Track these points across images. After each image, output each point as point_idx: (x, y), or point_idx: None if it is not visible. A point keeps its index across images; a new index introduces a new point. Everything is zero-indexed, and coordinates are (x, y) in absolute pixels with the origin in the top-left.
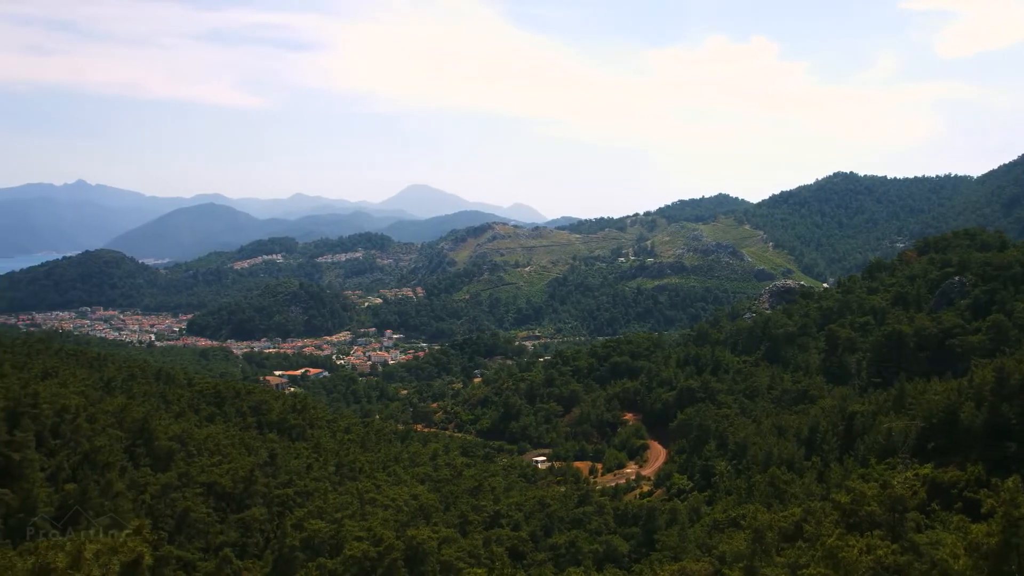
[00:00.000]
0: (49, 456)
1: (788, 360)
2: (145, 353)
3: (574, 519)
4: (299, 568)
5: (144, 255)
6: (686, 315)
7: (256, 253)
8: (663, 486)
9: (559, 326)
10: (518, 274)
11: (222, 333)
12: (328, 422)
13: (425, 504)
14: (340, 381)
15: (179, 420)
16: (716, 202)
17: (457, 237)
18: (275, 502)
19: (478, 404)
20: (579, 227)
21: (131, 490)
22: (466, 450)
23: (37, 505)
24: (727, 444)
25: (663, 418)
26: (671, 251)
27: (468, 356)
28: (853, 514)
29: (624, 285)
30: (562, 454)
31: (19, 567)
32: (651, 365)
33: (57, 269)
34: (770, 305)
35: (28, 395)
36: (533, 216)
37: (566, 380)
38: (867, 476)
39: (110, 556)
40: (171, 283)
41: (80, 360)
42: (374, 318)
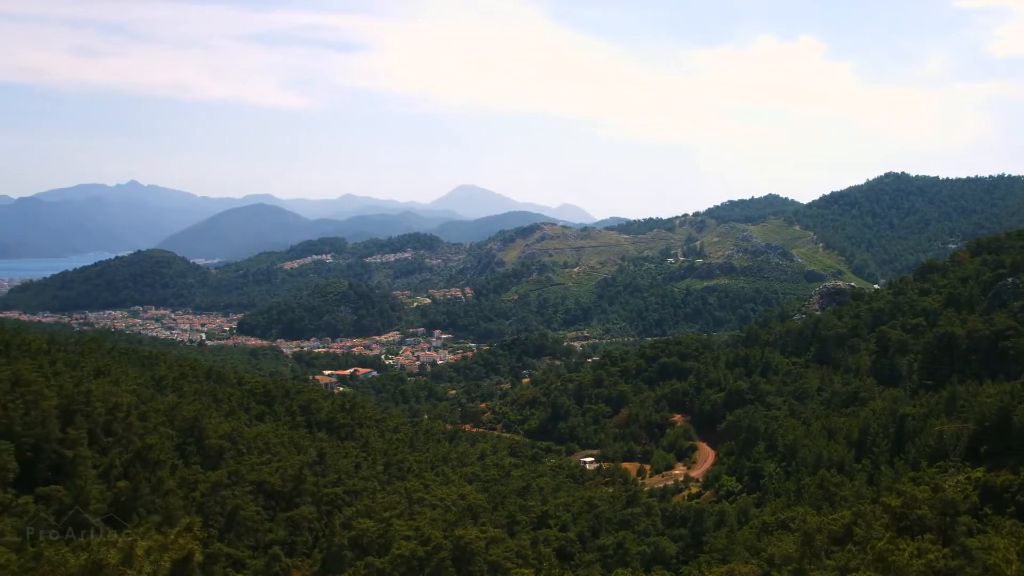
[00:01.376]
0: (102, 454)
1: (838, 362)
2: (196, 352)
3: (622, 520)
4: (347, 567)
5: (195, 255)
6: (735, 316)
7: (306, 253)
8: (711, 488)
9: (607, 327)
10: (567, 274)
11: (272, 332)
12: (377, 421)
13: (473, 504)
14: (389, 381)
15: (229, 419)
16: (766, 203)
17: (506, 237)
18: (324, 501)
19: (526, 404)
20: (628, 227)
21: (182, 488)
22: (514, 450)
23: (90, 502)
24: (776, 446)
25: (712, 419)
26: (720, 252)
27: (516, 356)
28: (904, 517)
29: (673, 286)
30: (610, 455)
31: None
32: (700, 366)
33: (109, 269)
34: (820, 306)
35: (81, 393)
36: (582, 216)
37: (615, 381)
38: (918, 479)
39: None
40: (222, 283)
41: (132, 359)
42: (423, 318)
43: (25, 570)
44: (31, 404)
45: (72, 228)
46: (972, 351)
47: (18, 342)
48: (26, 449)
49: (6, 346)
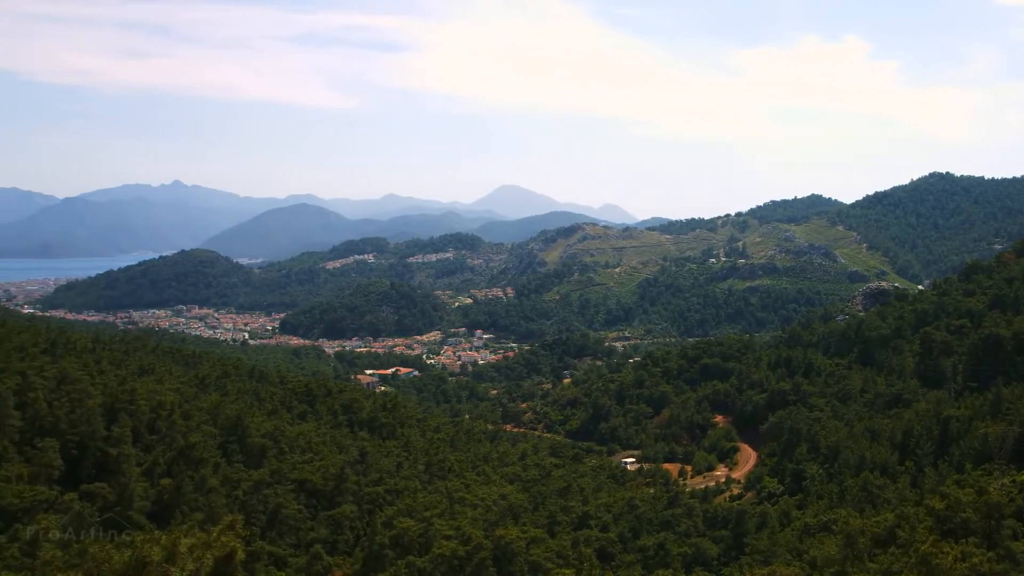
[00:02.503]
0: (145, 451)
1: (882, 363)
2: (239, 351)
3: (663, 521)
4: (388, 566)
5: (238, 255)
6: (778, 317)
7: (348, 253)
8: (753, 489)
9: (649, 327)
10: (608, 275)
11: (314, 332)
12: (418, 421)
13: (514, 504)
14: (430, 380)
15: (272, 418)
16: (809, 203)
17: (547, 237)
18: (365, 500)
19: (567, 405)
20: (670, 228)
21: (224, 486)
22: (555, 450)
23: (133, 499)
24: (819, 448)
25: (754, 421)
26: (763, 252)
27: (558, 356)
28: (948, 520)
29: (715, 286)
30: (651, 456)
31: (116, 560)
32: (742, 367)
33: (154, 268)
34: (863, 307)
35: (125, 391)
36: (623, 217)
37: (656, 381)
38: (962, 482)
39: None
40: (264, 282)
41: (176, 358)
42: (464, 318)
43: (70, 566)
44: (76, 402)
45: (117, 228)
46: (1018, 352)
47: (64, 341)
48: (71, 447)
49: (52, 345)
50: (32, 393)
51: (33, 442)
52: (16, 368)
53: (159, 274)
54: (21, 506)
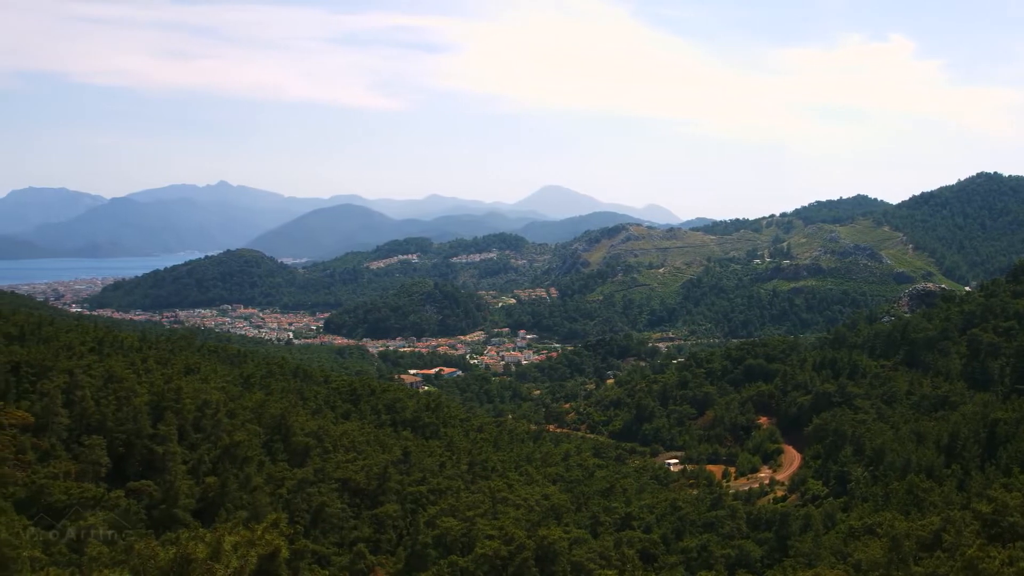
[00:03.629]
0: (191, 449)
1: (928, 365)
2: (283, 350)
3: (706, 523)
4: (431, 565)
5: (283, 254)
6: (822, 318)
7: (392, 253)
8: (797, 491)
9: (693, 328)
10: (652, 275)
11: (358, 332)
12: (461, 421)
13: (557, 504)
14: (473, 380)
15: (315, 417)
16: (854, 203)
17: (591, 238)
18: (408, 499)
19: (611, 405)
20: (713, 228)
21: (268, 484)
22: (598, 451)
23: (179, 497)
24: (864, 450)
25: (798, 422)
26: (808, 253)
27: (601, 357)
28: (995, 524)
29: (759, 287)
30: (695, 457)
31: (161, 556)
32: (786, 368)
33: (199, 268)
34: (910, 308)
35: (171, 390)
36: (667, 217)
37: (700, 382)
38: (1010, 485)
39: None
40: (309, 282)
41: (221, 357)
42: (507, 318)
43: (116, 563)
44: (123, 400)
45: (163, 228)
46: None
47: (111, 340)
48: (118, 444)
49: (99, 344)
50: (80, 391)
51: (80, 440)
52: (64, 367)
53: (205, 274)
54: (68, 503)
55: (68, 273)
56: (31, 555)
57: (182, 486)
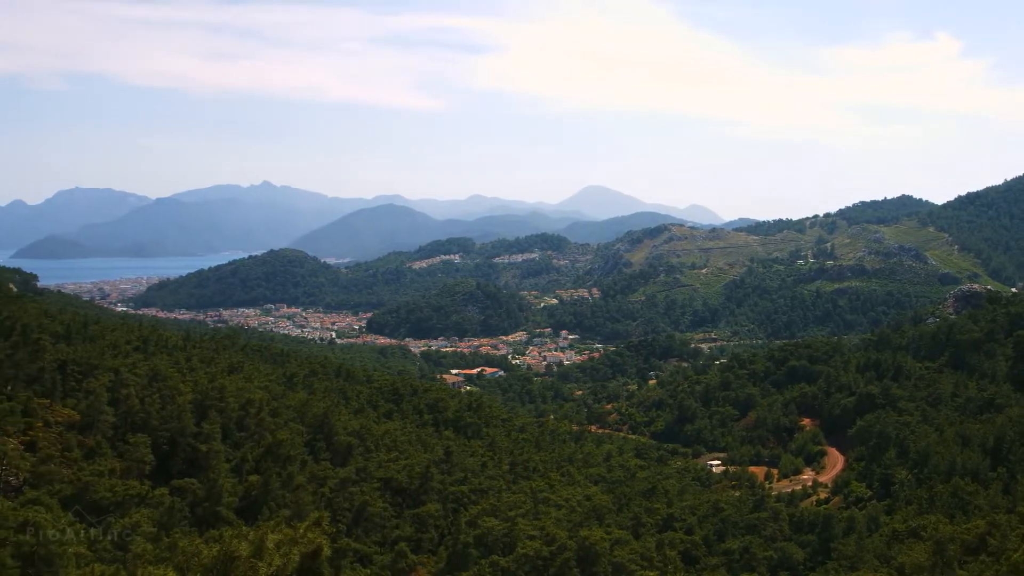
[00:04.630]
0: (234, 448)
1: (973, 367)
2: (326, 350)
3: (748, 524)
4: (472, 565)
5: (326, 254)
6: (866, 319)
7: (434, 253)
8: (840, 494)
9: (735, 329)
10: (694, 276)
11: (400, 331)
12: (503, 421)
13: (598, 505)
14: (515, 380)
15: (358, 416)
16: (898, 203)
17: (633, 238)
18: (450, 499)
19: (652, 406)
20: (757, 228)
21: (311, 483)
22: (640, 452)
23: (222, 495)
24: (908, 452)
25: (841, 424)
26: (851, 254)
27: (643, 358)
28: None
29: (802, 288)
30: (737, 458)
31: (205, 554)
32: (830, 370)
33: (243, 267)
34: (955, 310)
35: (215, 389)
36: (710, 218)
37: (742, 383)
38: None
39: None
40: (352, 282)
41: (264, 356)
42: (549, 318)
43: (160, 560)
44: (167, 399)
45: (208, 228)
46: None
47: (156, 338)
48: (162, 443)
49: (144, 342)
50: (125, 390)
51: (125, 438)
52: (109, 365)
53: (248, 273)
54: (113, 500)
55: (114, 272)
56: (76, 552)
57: (225, 484)
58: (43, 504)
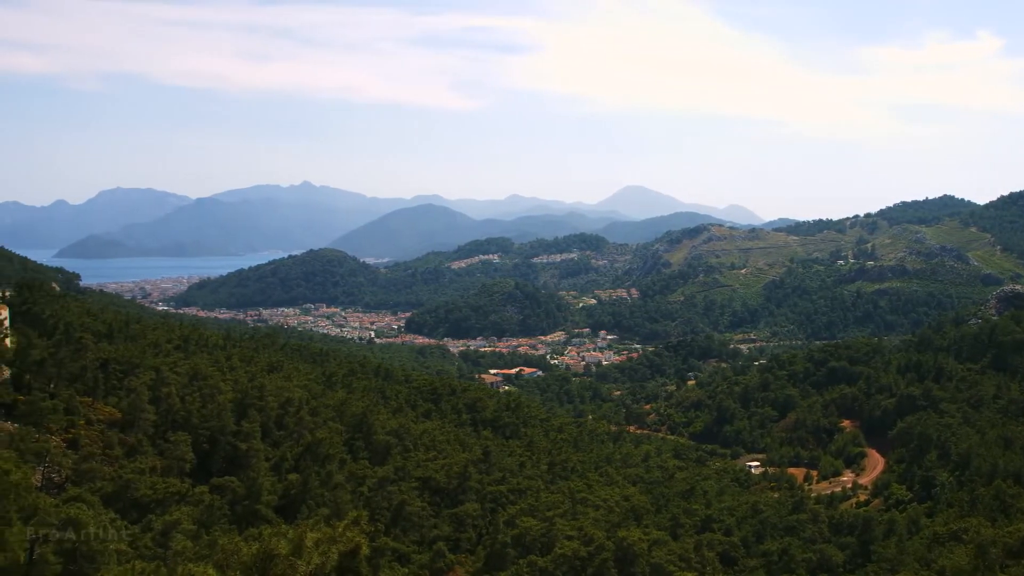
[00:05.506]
0: (273, 447)
1: (1016, 368)
2: (365, 349)
3: (787, 526)
4: (510, 564)
5: (365, 254)
6: (907, 320)
7: (473, 253)
8: (881, 496)
9: (775, 329)
10: (733, 276)
11: (439, 331)
12: (541, 421)
13: (636, 505)
14: (554, 381)
15: (397, 415)
16: (940, 204)
17: (672, 238)
18: (488, 498)
19: (691, 407)
20: (796, 229)
21: (350, 482)
22: (678, 453)
23: (262, 493)
24: (949, 454)
25: (882, 426)
26: (892, 254)
27: (682, 358)
28: None
29: (843, 288)
30: (776, 460)
31: (244, 552)
32: (870, 371)
33: (283, 267)
34: (997, 311)
35: (255, 388)
36: (749, 218)
37: (781, 384)
38: None
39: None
40: (390, 282)
41: (304, 355)
42: (588, 319)
43: (200, 557)
44: (208, 397)
45: (247, 228)
46: None
47: (196, 338)
48: (203, 441)
49: (185, 341)
50: (165, 388)
51: (166, 436)
52: (151, 364)
53: (288, 273)
54: (154, 497)
55: (155, 272)
56: (118, 548)
57: (265, 483)
58: (85, 501)
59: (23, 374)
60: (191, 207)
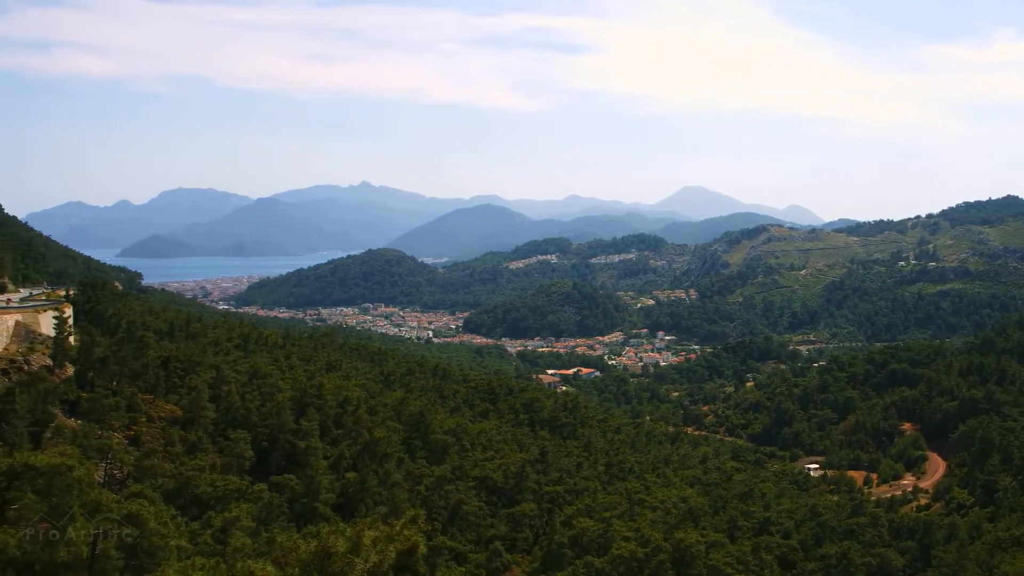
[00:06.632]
0: (332, 445)
1: None
2: (423, 349)
3: (846, 530)
4: (567, 565)
5: (423, 254)
6: (969, 322)
7: (531, 253)
8: (942, 500)
9: (835, 331)
10: (793, 277)
11: (497, 331)
12: (599, 422)
13: (694, 507)
14: (611, 381)
15: (454, 415)
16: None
17: (731, 239)
18: (545, 499)
19: (750, 408)
20: (856, 229)
21: (407, 481)
22: (736, 454)
23: (320, 491)
24: (1012, 458)
25: (943, 429)
26: (954, 255)
27: (740, 359)
28: None
29: (904, 290)
30: (835, 462)
31: (302, 549)
32: (931, 373)
33: (342, 267)
34: None
35: (313, 387)
36: (809, 218)
37: (841, 386)
38: None
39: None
40: (449, 282)
41: (362, 354)
42: (646, 319)
43: (259, 554)
44: (267, 396)
45: (307, 228)
46: None
47: (256, 336)
48: (262, 439)
49: (245, 340)
50: (226, 387)
51: (226, 433)
52: (211, 362)
53: (347, 272)
54: (214, 495)
55: (215, 271)
56: (178, 544)
57: (323, 481)
58: (146, 497)
59: (86, 372)
60: (252, 207)
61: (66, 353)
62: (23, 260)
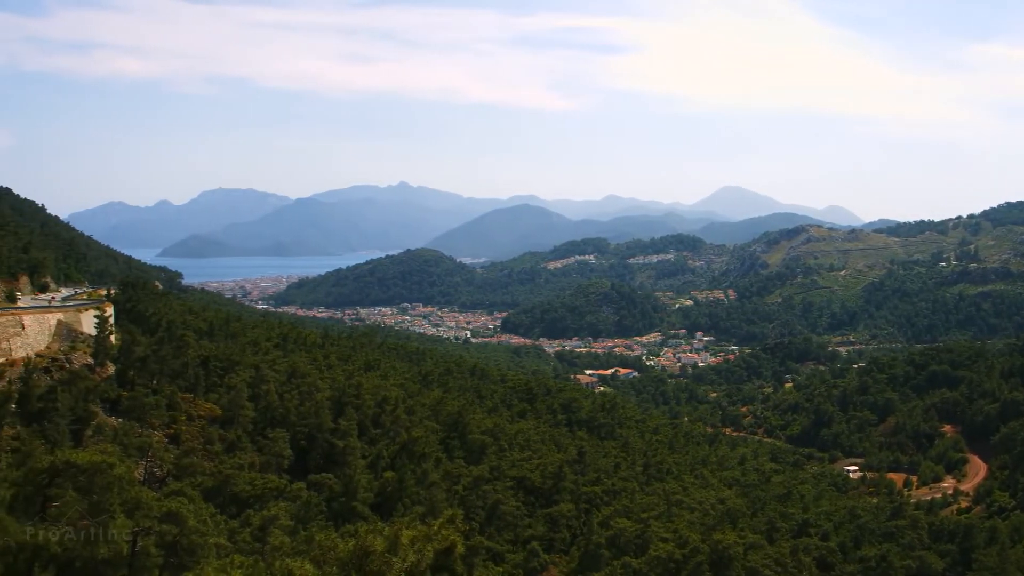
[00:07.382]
0: (370, 444)
1: None
2: (461, 349)
3: (886, 532)
4: (604, 565)
5: (461, 254)
6: (1011, 324)
7: (569, 253)
8: (983, 503)
9: (874, 332)
10: (832, 278)
11: (535, 331)
12: (637, 422)
13: (732, 508)
14: (649, 382)
15: (492, 415)
16: None
17: (770, 239)
18: (583, 499)
19: (788, 409)
20: (897, 230)
21: (445, 481)
22: (775, 456)
23: (358, 490)
24: None
25: (984, 431)
26: (996, 256)
27: (779, 360)
28: None
29: (944, 291)
30: (875, 464)
31: (340, 548)
32: (972, 375)
33: (380, 267)
34: None
35: (352, 386)
36: (849, 219)
37: (881, 388)
38: None
39: (425, 543)
40: (487, 282)
41: (400, 354)
42: (684, 320)
43: (297, 552)
44: (306, 395)
45: (346, 228)
46: None
47: (295, 336)
48: (300, 438)
49: (284, 340)
50: (265, 386)
51: (265, 432)
52: (250, 362)
53: (385, 272)
54: (253, 493)
55: (255, 271)
56: (217, 542)
57: (361, 480)
58: (186, 495)
59: (127, 370)
60: (291, 207)
61: (107, 352)
62: (65, 260)
